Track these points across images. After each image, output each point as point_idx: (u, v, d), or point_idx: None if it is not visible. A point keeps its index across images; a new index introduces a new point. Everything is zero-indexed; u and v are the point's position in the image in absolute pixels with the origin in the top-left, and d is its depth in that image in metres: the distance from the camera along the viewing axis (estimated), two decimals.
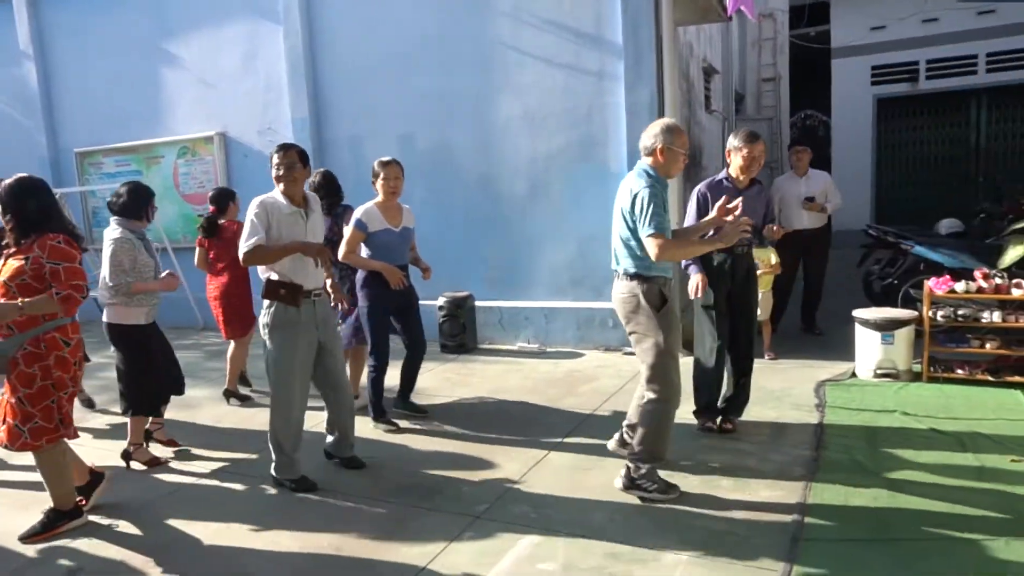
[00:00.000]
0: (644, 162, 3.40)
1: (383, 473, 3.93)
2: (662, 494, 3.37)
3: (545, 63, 6.45)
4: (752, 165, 4.00)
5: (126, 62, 8.47)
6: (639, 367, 3.45)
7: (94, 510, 3.56)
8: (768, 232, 4.37)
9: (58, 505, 3.39)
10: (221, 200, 5.36)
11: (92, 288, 3.96)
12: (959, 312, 4.98)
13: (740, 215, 3.32)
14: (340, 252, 4.41)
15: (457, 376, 5.89)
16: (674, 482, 3.47)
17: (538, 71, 6.49)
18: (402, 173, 4.47)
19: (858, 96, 12.45)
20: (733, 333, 4.17)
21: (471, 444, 4.30)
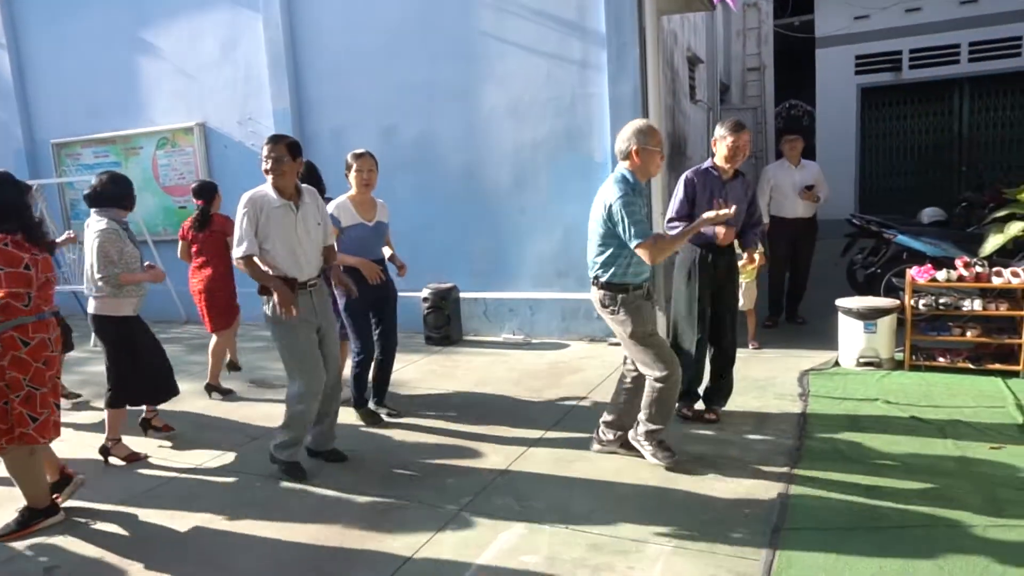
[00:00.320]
0: (622, 166, 3.50)
1: (366, 465, 3.91)
2: (671, 451, 3.62)
3: (528, 52, 6.41)
4: (737, 154, 4.01)
5: (103, 51, 8.32)
6: (626, 358, 3.51)
7: (72, 507, 3.51)
8: (748, 258, 4.52)
9: (31, 504, 3.34)
10: (207, 193, 5.31)
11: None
12: (940, 300, 5.02)
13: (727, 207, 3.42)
14: None
15: (442, 368, 5.87)
16: (659, 470, 3.54)
17: (521, 60, 6.45)
18: (375, 165, 4.41)
19: (842, 85, 12.50)
20: (717, 324, 4.21)
21: (455, 436, 4.28)
